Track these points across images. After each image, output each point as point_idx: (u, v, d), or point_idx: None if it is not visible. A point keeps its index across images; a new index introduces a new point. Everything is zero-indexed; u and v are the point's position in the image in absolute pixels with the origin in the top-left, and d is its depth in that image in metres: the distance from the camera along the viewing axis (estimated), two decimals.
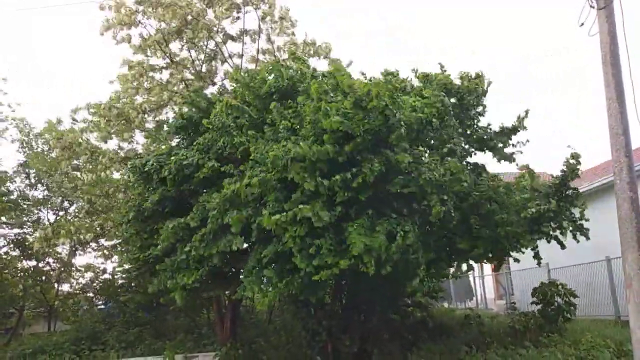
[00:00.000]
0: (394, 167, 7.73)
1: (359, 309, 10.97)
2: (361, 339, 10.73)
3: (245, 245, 9.15)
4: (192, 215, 8.70)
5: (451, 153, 8.86)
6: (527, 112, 10.36)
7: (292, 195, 7.58)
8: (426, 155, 8.24)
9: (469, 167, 9.78)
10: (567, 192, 9.50)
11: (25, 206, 20.81)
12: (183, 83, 15.26)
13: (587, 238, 9.54)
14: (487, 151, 10.37)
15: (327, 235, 7.44)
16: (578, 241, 9.57)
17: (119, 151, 15.50)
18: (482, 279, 22.79)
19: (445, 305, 21.25)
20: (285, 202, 7.61)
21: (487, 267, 21.64)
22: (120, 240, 12.22)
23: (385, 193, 7.96)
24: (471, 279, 22.85)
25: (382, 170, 7.56)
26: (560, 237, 9.54)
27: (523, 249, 9.57)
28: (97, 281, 21.10)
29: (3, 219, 20.33)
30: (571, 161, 9.55)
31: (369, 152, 7.71)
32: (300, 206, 7.23)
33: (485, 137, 10.28)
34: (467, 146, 10.11)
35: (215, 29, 15.65)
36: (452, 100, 9.92)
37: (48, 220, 21.18)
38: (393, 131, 7.60)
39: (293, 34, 16.26)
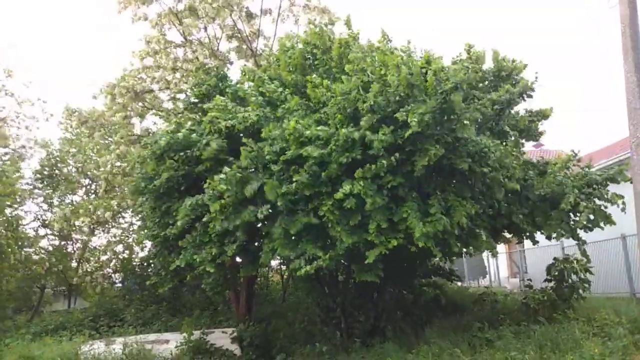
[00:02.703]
0: (457, 149, 7.83)
1: (372, 287, 11.06)
2: (374, 316, 10.84)
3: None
4: (209, 195, 8.71)
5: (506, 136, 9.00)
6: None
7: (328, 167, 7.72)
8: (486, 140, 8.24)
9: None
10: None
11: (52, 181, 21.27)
12: (198, 62, 15.22)
13: (611, 224, 9.64)
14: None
15: (375, 215, 7.55)
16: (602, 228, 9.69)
17: (132, 130, 15.60)
18: (495, 257, 22.73)
19: (459, 283, 21.30)
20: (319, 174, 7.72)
21: (501, 245, 21.59)
22: (137, 217, 12.37)
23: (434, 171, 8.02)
24: (484, 257, 22.82)
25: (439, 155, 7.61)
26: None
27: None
28: (115, 259, 21.50)
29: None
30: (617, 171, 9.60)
31: (425, 138, 7.69)
32: (352, 185, 7.40)
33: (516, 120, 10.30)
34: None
35: (235, 6, 15.50)
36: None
37: (71, 199, 21.63)
38: (458, 117, 7.59)
39: (329, 23, 16.03)
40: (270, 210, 8.37)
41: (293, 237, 8.31)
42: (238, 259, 10.93)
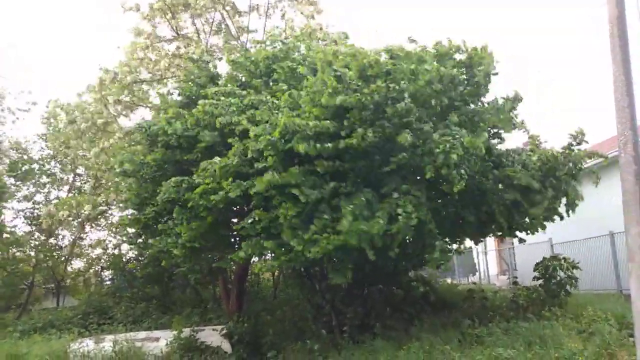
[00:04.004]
0: (396, 144, 7.71)
1: (362, 283, 11.10)
2: (364, 312, 10.87)
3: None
4: (200, 172, 8.84)
5: (466, 125, 8.75)
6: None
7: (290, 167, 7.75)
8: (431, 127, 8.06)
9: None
10: (571, 166, 9.54)
11: (37, 179, 21.05)
12: (188, 57, 15.13)
13: (573, 211, 9.70)
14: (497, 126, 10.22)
15: (318, 213, 7.57)
16: (569, 216, 9.65)
17: (119, 121, 15.50)
18: (485, 254, 22.92)
19: (449, 280, 21.44)
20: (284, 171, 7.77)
21: (491, 243, 21.75)
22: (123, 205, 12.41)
23: (385, 171, 7.99)
24: (474, 254, 22.97)
25: (378, 143, 7.57)
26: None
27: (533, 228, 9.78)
28: (105, 256, 21.38)
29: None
30: (576, 135, 9.55)
31: (370, 126, 7.69)
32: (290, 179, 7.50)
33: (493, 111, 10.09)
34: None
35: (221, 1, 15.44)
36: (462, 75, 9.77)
37: (58, 197, 21.45)
38: (396, 104, 7.56)
39: (312, 16, 15.98)
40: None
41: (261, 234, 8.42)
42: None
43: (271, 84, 10.07)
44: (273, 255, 8.35)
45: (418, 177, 8.25)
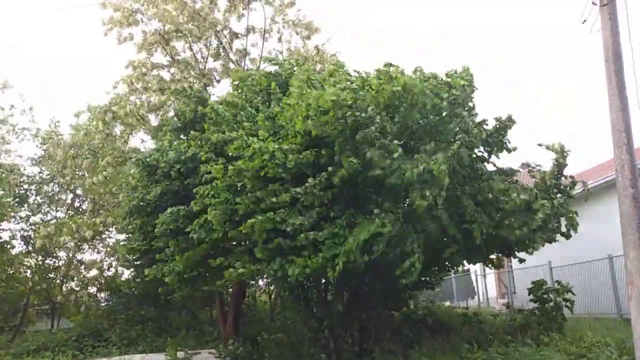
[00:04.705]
0: (372, 164, 7.76)
1: (360, 307, 11.00)
2: (362, 336, 10.75)
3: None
4: (195, 200, 8.83)
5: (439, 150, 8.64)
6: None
7: (269, 185, 7.86)
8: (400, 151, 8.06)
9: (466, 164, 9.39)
10: (562, 182, 9.53)
11: (32, 201, 20.99)
12: (186, 82, 15.22)
13: (575, 231, 9.50)
14: (485, 148, 10.16)
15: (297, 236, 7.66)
16: (570, 236, 9.53)
17: (121, 150, 15.48)
18: (484, 277, 22.78)
19: (447, 303, 21.26)
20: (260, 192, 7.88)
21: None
22: (123, 236, 12.39)
23: (365, 189, 8.06)
24: (473, 277, 22.84)
25: (358, 169, 7.69)
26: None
27: (531, 249, 9.64)
28: (101, 277, 21.18)
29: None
30: (558, 149, 9.54)
31: (346, 151, 7.83)
32: (274, 215, 7.66)
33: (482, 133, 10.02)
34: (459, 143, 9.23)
35: (219, 26, 15.63)
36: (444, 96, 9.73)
37: (56, 218, 21.33)
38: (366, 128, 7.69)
39: (308, 37, 16.16)
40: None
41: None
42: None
43: (272, 102, 10.13)
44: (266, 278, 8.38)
45: (396, 196, 8.27)
